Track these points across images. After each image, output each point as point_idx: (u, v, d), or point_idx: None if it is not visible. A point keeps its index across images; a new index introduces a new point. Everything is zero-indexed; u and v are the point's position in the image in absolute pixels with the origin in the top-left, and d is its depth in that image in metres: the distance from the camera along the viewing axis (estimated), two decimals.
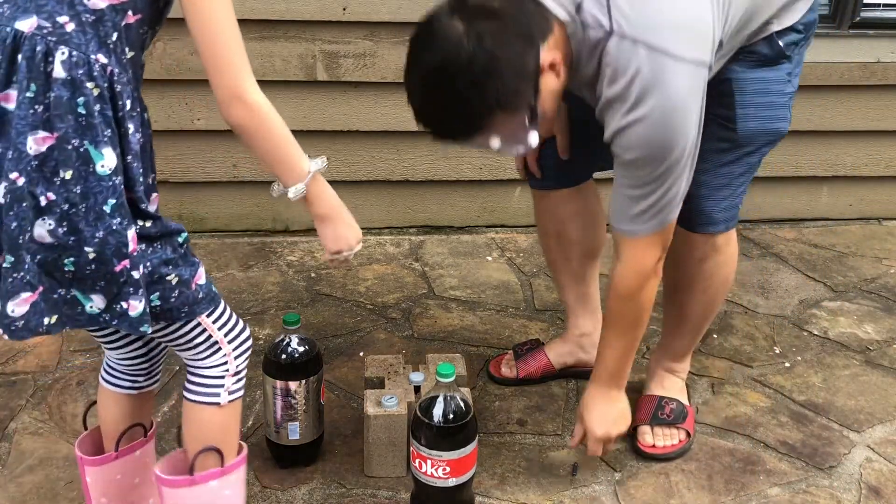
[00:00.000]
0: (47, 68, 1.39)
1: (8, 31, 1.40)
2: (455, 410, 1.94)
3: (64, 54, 1.40)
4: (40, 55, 1.39)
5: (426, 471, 1.96)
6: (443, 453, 1.93)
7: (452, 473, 1.95)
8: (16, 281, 1.44)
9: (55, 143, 1.40)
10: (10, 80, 1.40)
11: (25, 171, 1.40)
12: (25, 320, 1.46)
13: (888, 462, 2.30)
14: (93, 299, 1.49)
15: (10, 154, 1.40)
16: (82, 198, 1.42)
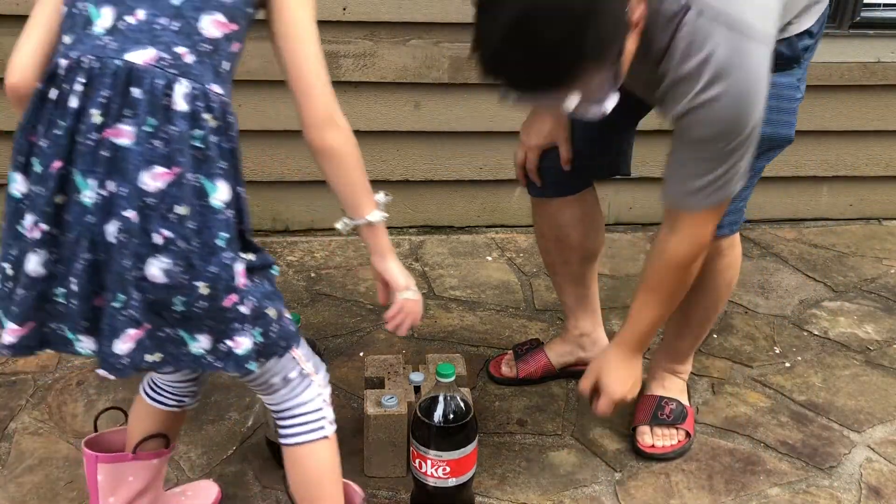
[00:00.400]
0: (167, 101, 1.36)
1: (118, 64, 1.37)
2: (455, 410, 1.94)
3: (184, 86, 1.37)
4: (160, 88, 1.36)
5: (426, 471, 1.96)
6: (443, 453, 1.93)
7: (452, 473, 1.96)
8: (123, 319, 1.41)
9: (174, 178, 1.37)
10: (122, 114, 1.36)
11: (140, 209, 1.36)
12: (131, 358, 1.43)
13: (888, 462, 2.30)
14: (198, 339, 1.45)
15: (125, 191, 1.36)
16: (196, 234, 1.39)
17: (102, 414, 1.95)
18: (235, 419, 2.36)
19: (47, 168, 1.40)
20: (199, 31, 1.41)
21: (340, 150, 1.55)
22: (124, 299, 1.40)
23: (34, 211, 1.42)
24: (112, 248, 1.39)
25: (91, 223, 1.39)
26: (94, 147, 1.37)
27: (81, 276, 1.41)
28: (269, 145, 3.30)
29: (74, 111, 1.38)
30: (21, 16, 2.99)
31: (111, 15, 1.41)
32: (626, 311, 2.95)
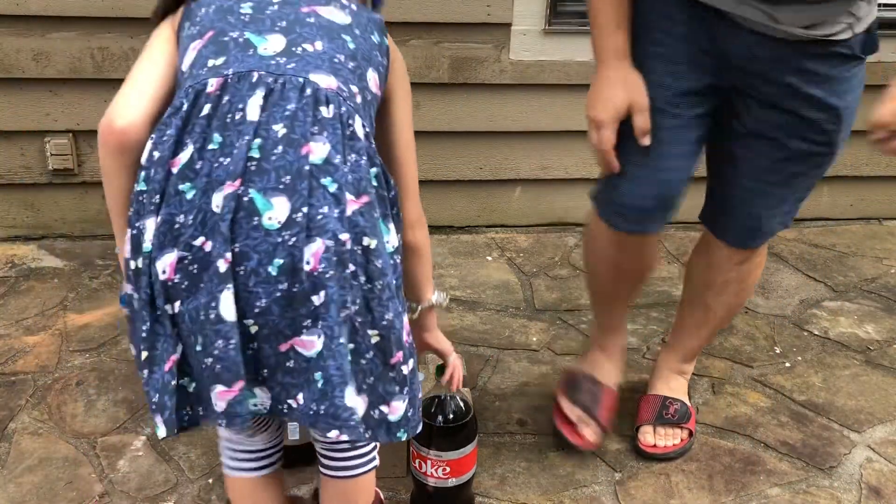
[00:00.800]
0: (350, 131, 1.31)
1: (300, 80, 1.29)
2: (455, 410, 1.93)
3: (360, 122, 1.33)
4: (346, 116, 1.31)
5: (426, 471, 1.95)
6: (442, 453, 1.92)
7: (452, 473, 1.95)
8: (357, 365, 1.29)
9: (363, 208, 1.28)
10: (311, 130, 1.27)
11: (352, 233, 1.26)
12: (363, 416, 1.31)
13: (889, 462, 2.30)
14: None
15: (336, 212, 1.25)
16: (380, 273, 1.29)
17: None
18: None
19: (212, 192, 1.23)
20: (367, 80, 1.39)
21: (425, 245, 1.58)
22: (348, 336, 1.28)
23: (177, 245, 1.24)
24: (320, 278, 1.23)
25: (280, 246, 1.22)
26: (286, 161, 1.25)
27: (272, 310, 1.23)
28: None
29: (255, 126, 1.25)
30: (21, 16, 3.02)
31: (282, 42, 1.34)
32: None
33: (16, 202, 3.29)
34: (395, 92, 1.49)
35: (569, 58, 3.32)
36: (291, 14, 1.36)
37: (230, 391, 1.25)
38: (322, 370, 1.25)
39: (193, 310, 1.23)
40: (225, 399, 1.25)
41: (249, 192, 1.22)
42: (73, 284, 2.99)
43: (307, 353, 1.25)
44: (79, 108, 3.15)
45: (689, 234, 3.60)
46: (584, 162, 3.52)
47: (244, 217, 1.22)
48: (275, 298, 1.22)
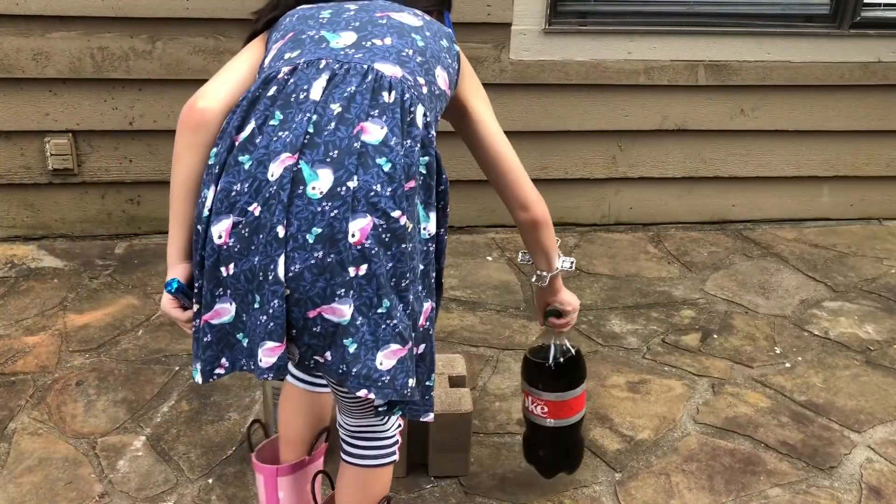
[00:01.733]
0: (411, 117, 1.37)
1: (365, 67, 1.37)
2: (561, 356, 1.99)
3: (423, 111, 1.39)
4: (408, 103, 1.37)
5: (527, 406, 2.03)
6: (542, 393, 1.99)
7: (550, 415, 2.00)
8: (388, 328, 1.33)
9: (408, 192, 1.35)
10: (370, 113, 1.34)
11: (407, 211, 1.32)
12: (391, 376, 1.34)
13: (889, 462, 2.30)
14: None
15: (389, 190, 1.31)
16: (411, 257, 1.35)
17: (252, 427, 1.97)
18: (235, 419, 2.35)
19: (269, 163, 1.32)
20: (435, 76, 1.46)
21: (546, 218, 1.69)
22: (388, 305, 1.31)
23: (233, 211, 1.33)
24: (367, 252, 1.30)
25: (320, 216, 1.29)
26: (336, 138, 1.32)
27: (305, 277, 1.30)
28: None
29: (314, 104, 1.34)
30: (21, 16, 3.02)
31: (353, 37, 1.43)
32: (626, 311, 2.96)
33: (16, 202, 3.29)
34: (472, 98, 1.59)
35: (569, 58, 3.32)
36: (365, 17, 1.48)
37: (280, 346, 1.32)
38: (353, 336, 1.31)
39: (248, 270, 1.32)
40: (275, 354, 1.32)
41: (300, 164, 1.31)
42: (72, 284, 2.99)
43: (335, 320, 1.31)
44: (79, 108, 3.15)
45: (689, 234, 3.60)
46: (583, 162, 3.52)
47: (294, 186, 1.31)
48: (308, 266, 1.29)
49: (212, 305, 1.38)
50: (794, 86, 3.48)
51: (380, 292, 1.31)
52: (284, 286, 1.30)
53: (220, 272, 1.35)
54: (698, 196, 3.66)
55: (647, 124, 3.49)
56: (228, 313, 1.37)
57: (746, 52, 3.41)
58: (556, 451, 2.09)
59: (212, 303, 1.38)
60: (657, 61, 3.37)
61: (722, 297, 3.08)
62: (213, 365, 1.42)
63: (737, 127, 3.54)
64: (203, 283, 1.38)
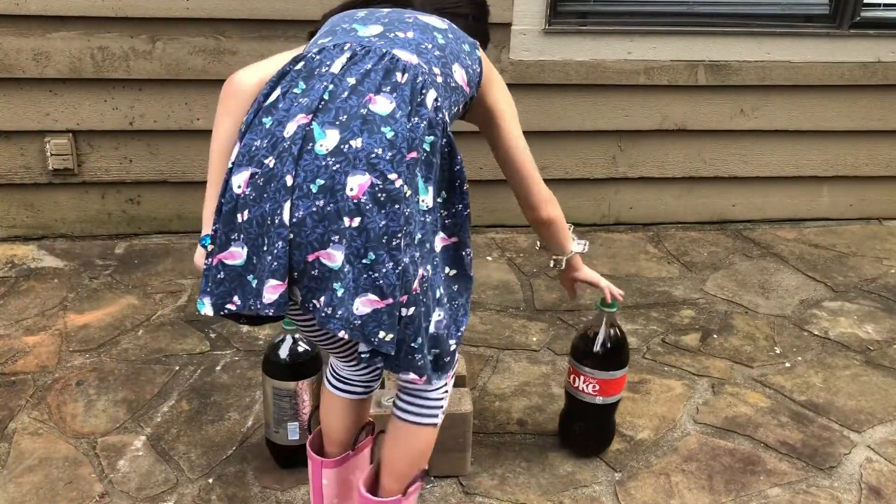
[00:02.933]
0: (421, 98, 1.50)
1: (384, 51, 1.53)
2: (612, 338, 2.16)
3: (434, 96, 1.53)
4: (420, 85, 1.51)
5: (578, 386, 2.18)
6: (595, 372, 2.15)
7: (601, 392, 2.16)
8: (369, 279, 1.44)
9: (409, 161, 1.47)
10: (381, 88, 1.48)
11: (404, 177, 1.44)
12: (363, 322, 1.45)
13: (889, 462, 2.30)
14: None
15: (389, 154, 1.43)
16: (406, 221, 1.46)
17: (314, 414, 2.01)
18: (235, 419, 2.35)
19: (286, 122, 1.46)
20: (452, 70, 1.60)
21: (558, 217, 1.91)
22: (373, 258, 1.43)
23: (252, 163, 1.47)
24: (362, 206, 1.42)
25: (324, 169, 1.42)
26: (347, 104, 1.46)
27: (306, 223, 1.43)
28: None
29: (333, 76, 1.49)
30: (21, 16, 3.02)
31: (380, 28, 1.60)
32: (626, 310, 2.96)
33: (16, 202, 3.29)
34: (498, 104, 1.75)
35: (569, 58, 3.32)
36: (395, 16, 1.64)
37: (281, 285, 1.45)
38: (341, 281, 1.44)
39: (260, 216, 1.46)
40: (277, 291, 1.45)
41: (312, 124, 1.45)
42: (73, 284, 2.99)
43: (329, 265, 1.44)
44: (79, 108, 3.15)
45: (689, 234, 3.60)
46: (583, 162, 3.52)
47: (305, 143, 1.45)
48: (310, 213, 1.43)
49: (226, 247, 1.50)
50: (794, 86, 3.48)
51: (367, 245, 1.43)
52: (289, 230, 1.43)
53: (235, 218, 1.48)
54: (698, 196, 3.66)
55: (647, 124, 3.49)
56: (241, 256, 1.50)
57: (746, 52, 3.41)
58: (596, 429, 2.26)
59: (226, 244, 1.50)
60: (657, 61, 3.37)
61: (722, 297, 3.08)
62: (225, 300, 1.52)
63: (737, 127, 3.54)
64: (219, 227, 1.51)
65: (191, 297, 2.95)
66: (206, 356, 2.63)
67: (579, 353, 2.18)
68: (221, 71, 3.10)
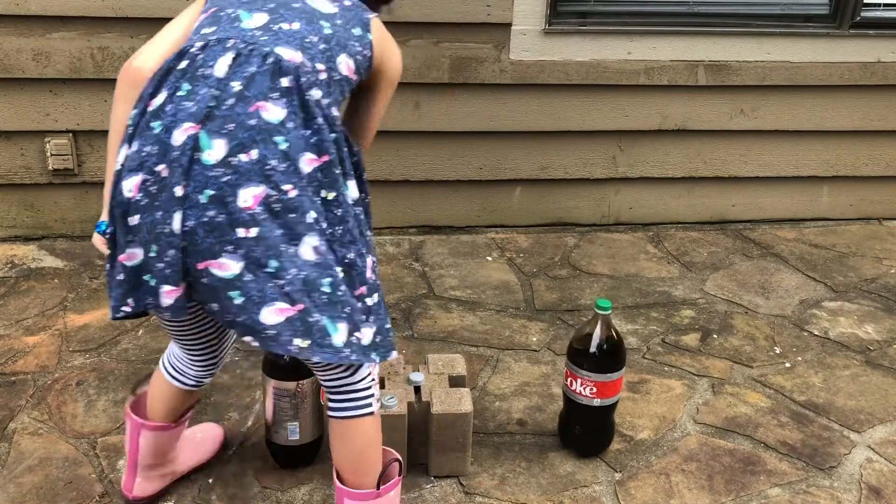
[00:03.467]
0: (309, 101, 1.53)
1: (266, 50, 1.52)
2: (608, 339, 2.14)
3: (319, 95, 1.55)
4: (304, 87, 1.53)
5: (575, 388, 2.17)
6: (592, 375, 2.14)
7: (598, 395, 2.16)
8: (273, 289, 1.46)
9: (323, 165, 1.51)
10: (269, 94, 1.50)
11: (298, 186, 1.48)
12: (277, 332, 1.48)
13: (889, 462, 2.30)
14: (338, 329, 1.53)
15: (283, 166, 1.47)
16: (340, 220, 1.52)
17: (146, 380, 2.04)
18: (235, 419, 2.35)
19: (174, 129, 1.47)
20: (337, 63, 1.60)
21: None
22: (276, 266, 1.46)
23: (142, 169, 1.49)
24: (257, 217, 1.44)
25: (213, 180, 1.44)
26: (234, 112, 1.47)
27: (197, 232, 1.46)
28: None
29: (217, 80, 1.49)
30: (21, 16, 3.02)
31: (264, 19, 1.58)
32: (626, 311, 2.96)
33: (16, 202, 3.29)
34: (379, 84, 1.75)
35: (569, 58, 3.32)
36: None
37: (175, 290, 1.50)
38: (241, 290, 1.47)
39: (150, 223, 1.49)
40: (172, 296, 1.51)
41: (200, 133, 1.47)
42: (73, 284, 2.99)
43: (220, 274, 1.47)
44: (79, 108, 3.15)
45: (689, 234, 3.60)
46: (583, 162, 3.52)
47: (194, 153, 1.47)
48: (200, 223, 1.45)
49: (124, 248, 1.55)
50: (794, 86, 3.48)
51: (268, 253, 1.46)
52: (180, 238, 1.46)
53: (127, 221, 1.52)
54: (698, 196, 3.67)
55: (647, 124, 3.49)
56: (138, 257, 1.54)
57: (746, 52, 3.41)
58: (595, 430, 2.26)
59: (124, 246, 1.55)
60: (657, 61, 3.37)
61: (722, 297, 3.08)
62: (121, 303, 1.58)
63: (737, 127, 3.54)
64: (116, 229, 1.56)
65: None
66: None
67: (575, 356, 2.17)
68: None
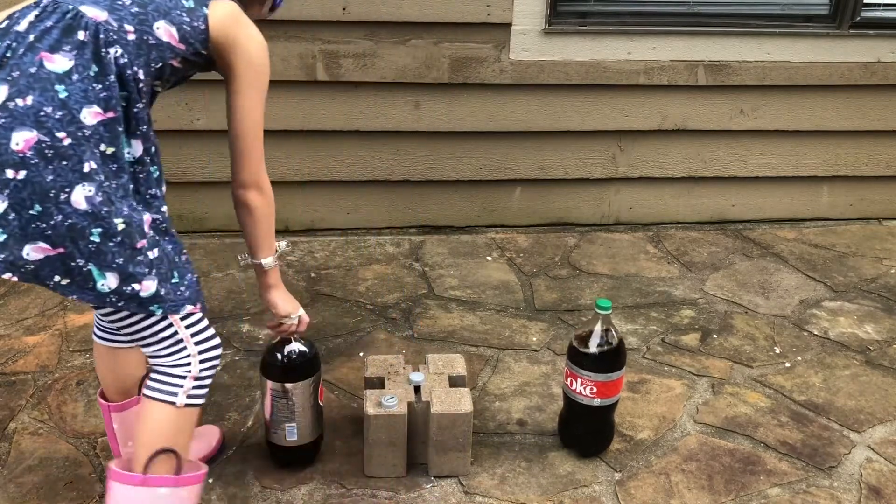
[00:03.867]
0: (105, 57, 1.55)
1: (70, 7, 1.55)
2: (608, 340, 2.15)
3: (119, 52, 1.57)
4: (102, 43, 1.55)
5: (575, 388, 2.18)
6: (592, 375, 2.14)
7: (598, 394, 2.15)
8: (38, 229, 1.50)
9: (107, 121, 1.55)
10: (60, 46, 1.53)
11: (74, 136, 1.51)
12: (36, 268, 1.53)
13: (888, 462, 2.30)
14: (106, 277, 1.57)
15: (59, 114, 1.50)
16: (115, 175, 1.57)
17: None
18: (235, 419, 2.35)
19: None
20: (153, 27, 1.62)
21: (258, 208, 1.82)
22: (40, 210, 1.50)
23: None
24: (27, 161, 1.48)
25: None
26: (21, 61, 1.51)
27: None
28: (269, 145, 3.29)
29: (17, 34, 1.55)
30: None
31: None
32: (626, 311, 2.96)
33: None
34: (234, 67, 1.72)
35: (569, 58, 3.32)
36: None
37: None
38: (4, 227, 1.51)
39: None
40: None
41: None
42: None
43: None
44: None
45: (689, 234, 3.60)
46: (583, 162, 3.52)
47: None
48: None
49: None
50: (794, 86, 3.48)
51: (33, 197, 1.49)
52: None
53: None
54: (698, 196, 3.67)
55: (647, 124, 3.49)
56: None
57: (746, 52, 3.41)
58: (595, 430, 2.26)
59: None
60: (657, 61, 3.37)
61: (722, 297, 3.08)
62: None
63: (736, 127, 3.54)
64: None
65: None
66: None
67: (575, 356, 2.17)
68: None
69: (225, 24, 1.70)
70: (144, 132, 1.63)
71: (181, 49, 1.66)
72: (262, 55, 1.74)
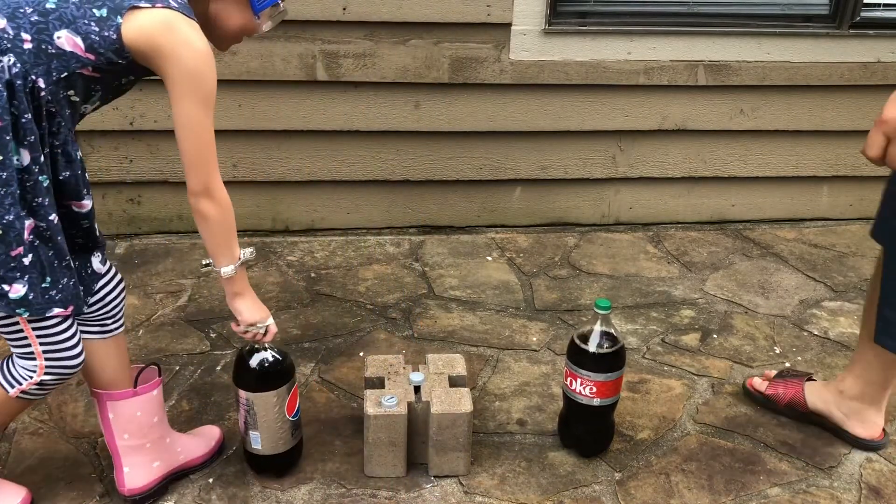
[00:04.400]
0: None
1: None
2: (608, 339, 2.15)
3: (11, 61, 1.58)
4: None
5: (575, 388, 2.18)
6: (592, 374, 2.14)
7: (598, 394, 2.15)
8: None
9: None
10: None
11: None
12: None
13: (889, 462, 2.30)
14: None
15: None
16: (4, 183, 1.60)
17: None
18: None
19: None
20: (52, 36, 1.61)
21: (211, 216, 1.81)
22: None
23: None
24: None
25: None
26: None
27: None
28: (269, 145, 3.30)
29: None
30: None
31: None
32: (626, 311, 2.96)
33: None
34: (169, 76, 1.69)
35: (569, 58, 3.32)
36: None
37: None
38: None
39: None
40: None
41: None
42: None
43: None
44: None
45: (689, 234, 3.60)
46: (583, 162, 3.52)
47: None
48: None
49: None
50: (794, 86, 3.48)
51: None
52: None
53: None
54: (698, 196, 3.67)
55: (647, 124, 3.49)
56: None
57: (746, 52, 3.41)
58: (595, 430, 2.27)
59: None
60: (657, 61, 3.37)
61: (721, 297, 3.08)
62: None
63: (736, 127, 3.54)
64: None
65: (191, 297, 2.95)
66: (206, 356, 2.63)
67: (575, 356, 2.17)
68: (221, 71, 3.09)
69: (148, 33, 1.65)
70: (32, 142, 1.63)
71: (89, 59, 1.65)
72: (199, 62, 1.69)
